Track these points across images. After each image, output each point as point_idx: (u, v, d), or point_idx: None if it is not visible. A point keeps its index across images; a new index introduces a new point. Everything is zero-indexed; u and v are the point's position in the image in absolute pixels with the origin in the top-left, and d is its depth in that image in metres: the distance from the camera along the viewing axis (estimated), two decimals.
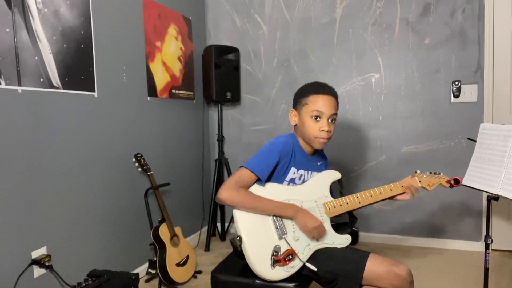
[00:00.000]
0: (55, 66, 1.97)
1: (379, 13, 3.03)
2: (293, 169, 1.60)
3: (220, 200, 1.48)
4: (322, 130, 1.58)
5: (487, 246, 1.71)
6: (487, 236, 1.71)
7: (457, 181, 1.62)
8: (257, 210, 1.48)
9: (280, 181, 1.59)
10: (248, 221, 1.47)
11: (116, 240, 2.39)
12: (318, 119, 1.59)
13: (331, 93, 1.63)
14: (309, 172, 1.66)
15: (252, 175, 1.50)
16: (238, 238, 1.45)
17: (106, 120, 2.32)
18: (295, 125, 1.69)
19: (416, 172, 1.66)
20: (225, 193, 1.46)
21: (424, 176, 1.64)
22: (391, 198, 1.64)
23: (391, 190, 1.60)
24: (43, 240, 1.91)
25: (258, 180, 1.53)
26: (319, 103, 1.59)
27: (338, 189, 1.76)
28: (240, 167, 1.53)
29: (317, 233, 1.49)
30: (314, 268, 1.45)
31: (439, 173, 1.65)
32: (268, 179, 1.59)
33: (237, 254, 1.49)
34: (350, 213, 1.73)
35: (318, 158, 1.73)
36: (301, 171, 1.63)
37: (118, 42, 2.40)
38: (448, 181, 1.64)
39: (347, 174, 3.18)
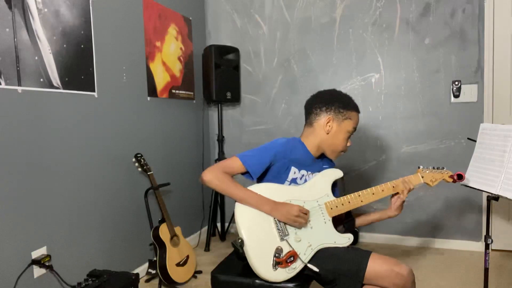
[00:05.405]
0: (55, 66, 1.96)
1: (379, 13, 3.03)
2: (293, 169, 1.60)
3: (203, 181, 1.49)
4: (348, 146, 1.66)
5: (487, 246, 1.71)
6: (487, 236, 1.71)
7: (460, 177, 1.60)
8: (235, 198, 1.49)
9: (281, 181, 1.60)
10: (249, 223, 1.47)
11: (116, 240, 2.39)
12: (350, 135, 1.65)
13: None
14: (313, 173, 1.66)
15: (241, 166, 1.52)
16: (239, 240, 1.44)
17: (106, 120, 2.32)
18: (309, 131, 1.66)
19: (418, 167, 1.65)
20: (210, 175, 1.49)
21: (427, 172, 1.63)
22: (393, 196, 1.63)
23: (393, 187, 1.60)
24: (43, 240, 1.91)
25: (247, 174, 1.54)
26: (357, 121, 1.66)
27: (342, 188, 1.76)
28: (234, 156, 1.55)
29: (302, 219, 1.47)
30: (316, 269, 1.45)
31: (442, 168, 1.64)
32: (261, 179, 1.60)
33: (239, 256, 1.48)
34: (348, 214, 1.73)
35: (325, 162, 1.73)
36: (303, 172, 1.63)
37: (118, 42, 2.40)
38: (451, 176, 1.62)
39: (347, 174, 3.18)
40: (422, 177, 1.62)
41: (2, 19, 1.70)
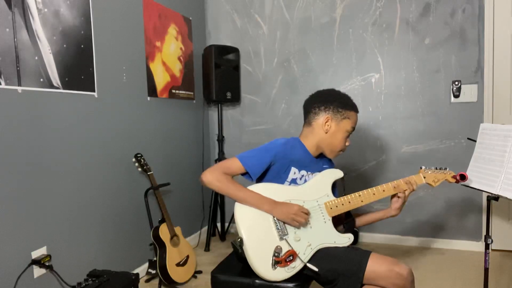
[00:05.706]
0: (55, 66, 1.97)
1: (379, 13, 3.03)
2: (293, 169, 1.61)
3: (203, 182, 1.50)
4: (346, 145, 1.66)
5: (487, 246, 1.71)
6: (487, 236, 1.71)
7: (463, 177, 1.60)
8: (235, 198, 1.50)
9: (281, 181, 1.60)
10: (249, 223, 1.47)
11: (116, 240, 2.39)
12: (349, 135, 1.65)
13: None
14: (313, 174, 1.66)
15: (241, 167, 1.53)
16: (239, 240, 1.45)
17: (106, 120, 2.32)
18: (308, 130, 1.67)
19: (420, 168, 1.65)
20: (209, 176, 1.50)
21: (429, 172, 1.62)
22: (394, 196, 1.63)
23: (394, 188, 1.60)
24: (43, 240, 1.91)
25: (247, 175, 1.55)
26: (355, 121, 1.66)
27: (342, 188, 1.76)
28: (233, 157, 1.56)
29: (301, 218, 1.47)
30: (315, 269, 1.45)
31: (445, 168, 1.63)
32: (261, 179, 1.60)
33: (238, 256, 1.48)
34: (348, 214, 1.73)
35: (324, 162, 1.73)
36: (303, 172, 1.63)
37: (118, 42, 2.40)
38: (454, 177, 1.62)
39: (347, 174, 3.18)
40: (424, 177, 1.62)
41: (2, 19, 1.70)
